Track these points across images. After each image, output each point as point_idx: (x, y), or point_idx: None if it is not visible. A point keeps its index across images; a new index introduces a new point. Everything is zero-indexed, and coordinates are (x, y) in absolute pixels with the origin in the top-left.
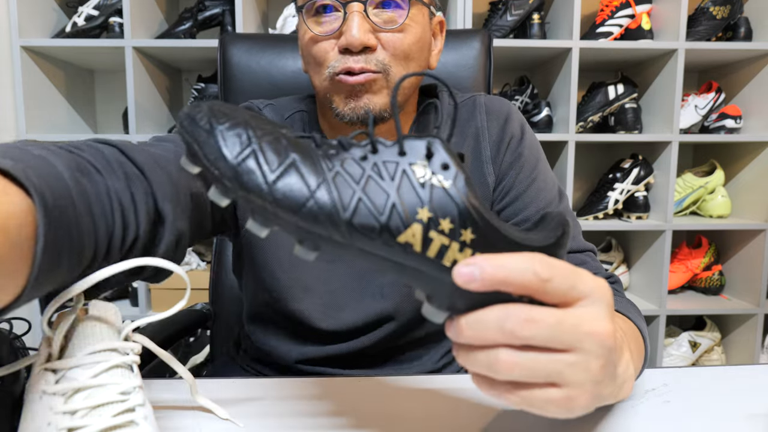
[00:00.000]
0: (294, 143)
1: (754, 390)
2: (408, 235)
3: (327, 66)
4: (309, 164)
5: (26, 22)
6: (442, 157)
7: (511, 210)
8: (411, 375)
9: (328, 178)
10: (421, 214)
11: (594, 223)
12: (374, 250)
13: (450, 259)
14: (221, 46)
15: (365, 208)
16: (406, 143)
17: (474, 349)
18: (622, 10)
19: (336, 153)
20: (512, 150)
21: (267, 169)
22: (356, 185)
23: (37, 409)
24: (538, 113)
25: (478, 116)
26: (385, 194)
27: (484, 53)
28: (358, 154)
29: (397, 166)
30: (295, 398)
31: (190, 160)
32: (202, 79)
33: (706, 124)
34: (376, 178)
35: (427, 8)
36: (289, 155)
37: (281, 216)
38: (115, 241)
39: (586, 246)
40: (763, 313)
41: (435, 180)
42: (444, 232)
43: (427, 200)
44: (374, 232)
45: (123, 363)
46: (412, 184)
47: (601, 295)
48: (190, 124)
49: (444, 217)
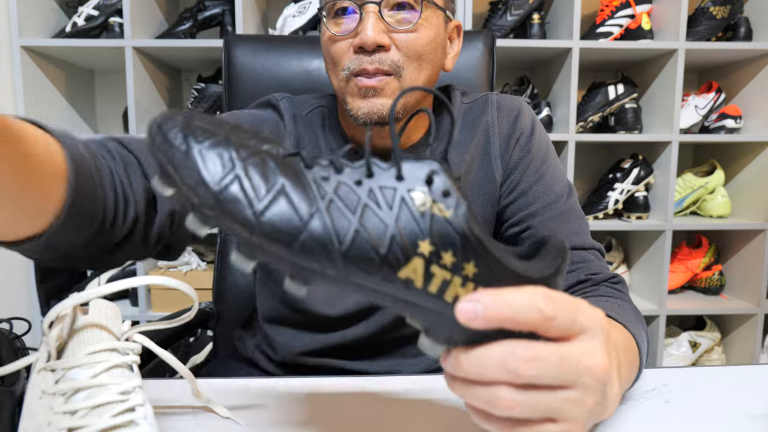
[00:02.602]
0: (282, 164)
1: (754, 390)
2: (409, 271)
3: (343, 67)
4: (300, 190)
5: (26, 22)
6: (443, 183)
7: (518, 204)
8: (414, 368)
9: (321, 206)
10: (422, 247)
11: (594, 223)
12: (372, 285)
13: (452, 295)
14: (225, 48)
15: (363, 241)
16: (404, 166)
17: (472, 384)
18: (622, 10)
19: (328, 176)
20: (521, 146)
21: (254, 197)
22: (352, 215)
23: (37, 409)
24: (538, 113)
25: (489, 112)
26: (383, 225)
27: (488, 54)
28: (352, 177)
29: (395, 192)
30: (295, 397)
31: (164, 182)
32: (202, 79)
33: (706, 124)
34: (373, 206)
35: (443, 12)
36: (277, 180)
37: (270, 250)
38: (119, 214)
39: (593, 245)
40: (763, 313)
41: (436, 209)
42: (446, 267)
43: (428, 231)
44: (373, 266)
45: (123, 363)
46: (411, 213)
47: (599, 328)
48: (163, 141)
49: (446, 250)
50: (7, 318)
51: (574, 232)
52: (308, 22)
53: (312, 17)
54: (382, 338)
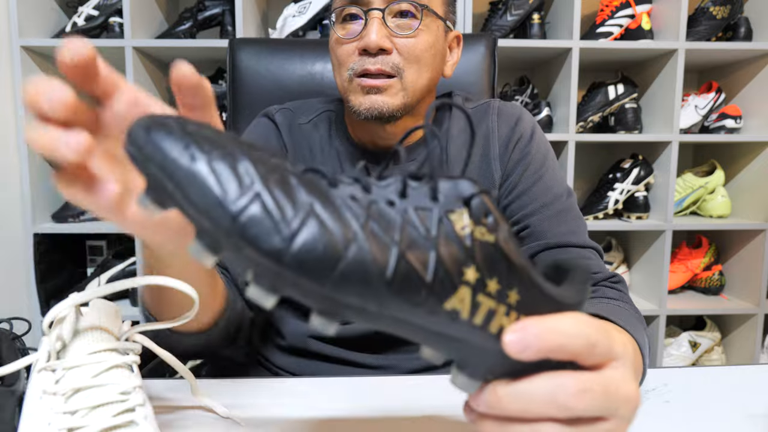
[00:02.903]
0: (305, 181)
1: (754, 390)
2: (456, 301)
3: (348, 67)
4: (331, 211)
5: (26, 22)
6: (482, 205)
7: (516, 205)
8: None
9: (357, 230)
10: (467, 274)
11: (594, 223)
12: (413, 319)
13: (496, 326)
14: (230, 51)
15: (407, 268)
16: (441, 185)
17: (511, 422)
18: (622, 10)
19: (356, 196)
20: (520, 149)
21: (280, 219)
22: (392, 239)
23: (37, 409)
24: (538, 113)
25: (489, 117)
26: (426, 250)
27: (489, 57)
28: (383, 197)
29: (432, 214)
30: (295, 397)
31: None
32: None
33: (706, 124)
34: (410, 230)
35: (443, 22)
36: (304, 199)
37: (302, 282)
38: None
39: (591, 244)
40: (763, 313)
41: (478, 232)
42: (491, 295)
43: (473, 257)
44: (419, 297)
45: (123, 363)
46: (453, 237)
47: (629, 355)
48: (155, 150)
49: (491, 277)
50: (7, 318)
51: (572, 231)
52: (308, 22)
53: (312, 17)
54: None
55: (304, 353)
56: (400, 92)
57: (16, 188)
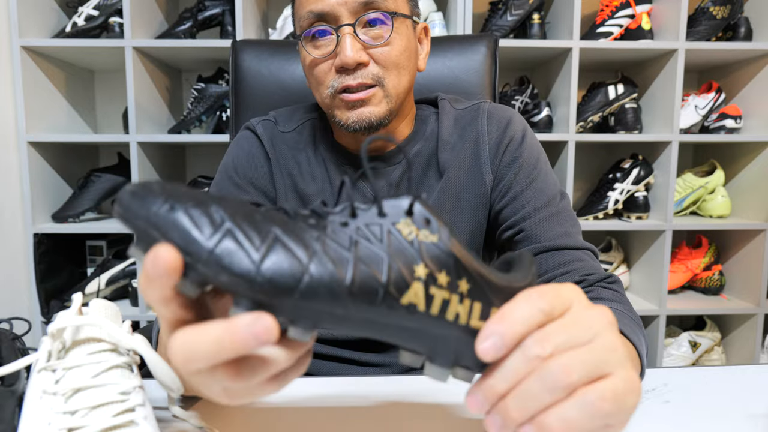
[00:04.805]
0: (268, 216)
1: (754, 390)
2: (411, 295)
3: (327, 86)
4: (292, 236)
5: (26, 22)
6: (423, 213)
7: (510, 209)
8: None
9: (317, 248)
10: (418, 271)
11: (594, 223)
12: (377, 317)
13: (453, 313)
14: (232, 52)
15: (364, 274)
16: (385, 204)
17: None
18: (622, 10)
19: (315, 223)
20: (511, 151)
21: (249, 247)
22: (347, 252)
23: (37, 408)
24: (538, 113)
25: (479, 121)
26: (378, 257)
27: (491, 57)
28: (337, 220)
29: (381, 227)
30: (290, 399)
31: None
32: (202, 79)
33: (706, 124)
34: (364, 242)
35: (410, 19)
36: (269, 229)
37: (274, 299)
38: None
39: (586, 245)
40: (763, 313)
41: (422, 236)
42: (443, 286)
43: (420, 256)
44: (377, 297)
45: (123, 363)
46: (401, 243)
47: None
48: (141, 206)
49: (440, 271)
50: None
51: (567, 232)
52: None
53: None
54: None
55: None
56: (383, 99)
57: (16, 188)
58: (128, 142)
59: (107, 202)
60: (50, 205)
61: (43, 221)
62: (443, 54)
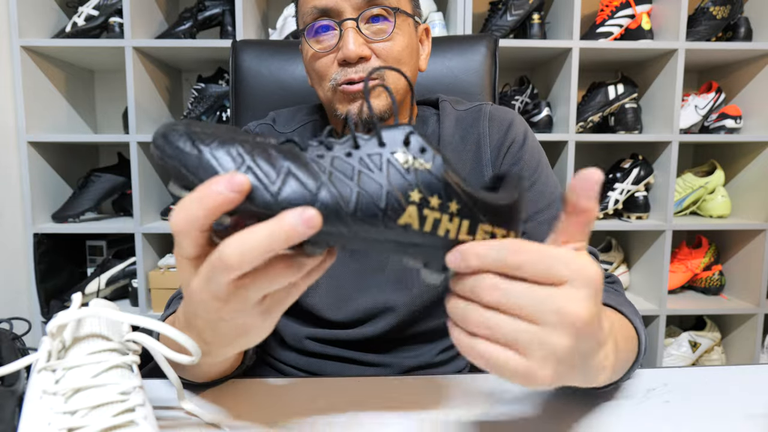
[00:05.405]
0: (282, 151)
1: (754, 390)
2: (406, 217)
3: (329, 79)
4: (303, 169)
5: (26, 22)
6: (419, 142)
7: None
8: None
9: (324, 179)
10: (413, 196)
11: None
12: (377, 236)
13: (443, 229)
14: (233, 52)
15: (365, 200)
16: (384, 134)
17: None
18: (622, 10)
19: (322, 154)
20: (512, 154)
21: (267, 182)
22: (351, 181)
23: (37, 408)
24: (538, 113)
25: (481, 123)
26: (378, 184)
27: (491, 57)
28: (342, 151)
29: (381, 157)
30: (289, 400)
31: (181, 185)
32: (202, 79)
33: (706, 124)
34: (366, 171)
35: (412, 18)
36: (282, 164)
37: None
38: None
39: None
40: (763, 313)
41: (417, 164)
42: (435, 208)
43: (415, 183)
44: (377, 219)
45: (123, 363)
46: (398, 171)
47: (584, 281)
48: (172, 148)
49: (432, 195)
50: (7, 318)
51: None
52: None
53: None
54: (386, 338)
55: (303, 352)
56: (383, 93)
57: (16, 188)
58: (128, 142)
59: (107, 202)
60: (50, 205)
61: (43, 221)
62: (443, 54)
